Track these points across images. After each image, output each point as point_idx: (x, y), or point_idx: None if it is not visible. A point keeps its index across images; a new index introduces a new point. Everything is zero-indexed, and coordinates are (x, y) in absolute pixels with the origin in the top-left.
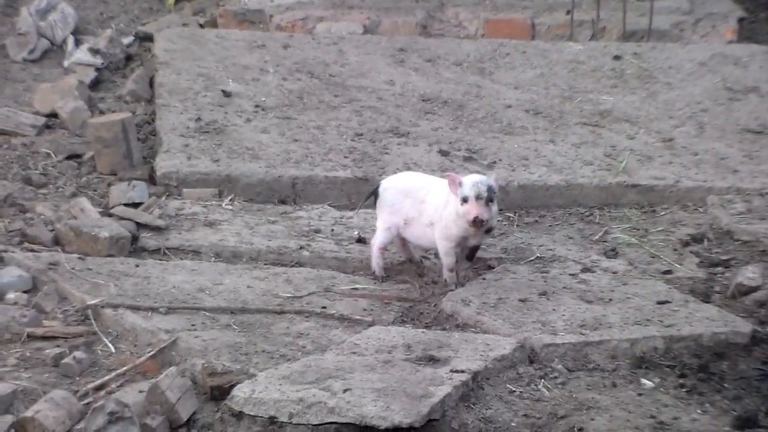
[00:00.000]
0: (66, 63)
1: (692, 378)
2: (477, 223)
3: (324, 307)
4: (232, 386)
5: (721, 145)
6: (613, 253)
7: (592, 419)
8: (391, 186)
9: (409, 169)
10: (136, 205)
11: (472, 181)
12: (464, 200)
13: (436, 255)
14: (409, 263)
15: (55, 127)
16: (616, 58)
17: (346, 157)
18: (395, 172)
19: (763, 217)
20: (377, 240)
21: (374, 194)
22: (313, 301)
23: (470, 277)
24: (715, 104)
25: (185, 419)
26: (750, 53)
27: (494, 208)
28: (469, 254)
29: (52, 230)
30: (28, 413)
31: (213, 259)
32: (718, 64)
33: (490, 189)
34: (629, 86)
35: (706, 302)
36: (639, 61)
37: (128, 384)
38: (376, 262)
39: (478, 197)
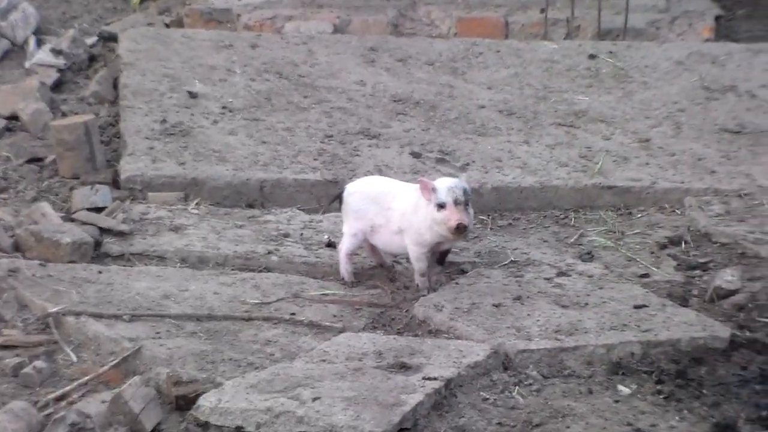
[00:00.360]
0: (27, 64)
1: (670, 384)
2: (460, 229)
3: (293, 314)
4: (198, 396)
5: (699, 146)
6: (588, 257)
7: (568, 427)
8: (356, 191)
9: (380, 171)
10: (99, 210)
11: (447, 186)
12: (441, 206)
13: (408, 260)
14: (380, 268)
15: (15, 130)
16: (592, 57)
17: (315, 159)
18: (366, 175)
19: (741, 218)
20: (344, 246)
21: (338, 199)
22: (281, 307)
23: (443, 281)
24: (692, 104)
25: (149, 430)
26: (727, 51)
27: (471, 212)
28: (439, 258)
29: (12, 236)
30: None
31: (178, 264)
32: (695, 62)
33: (465, 192)
34: (605, 86)
35: (684, 306)
36: (614, 60)
37: (90, 394)
38: (344, 268)
39: (456, 202)
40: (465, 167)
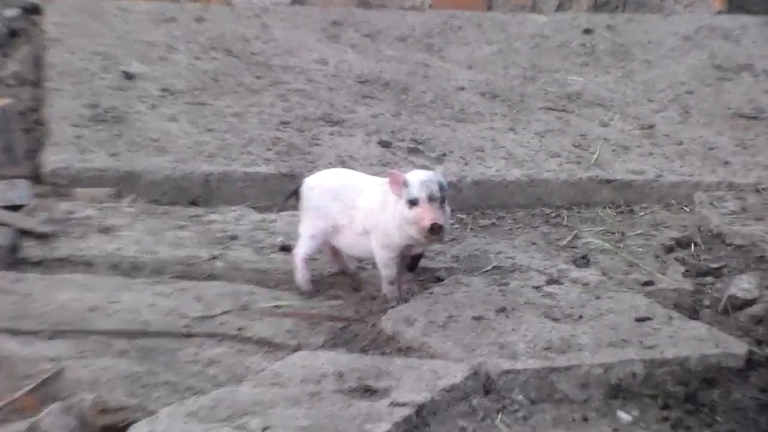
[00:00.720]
0: None
1: (678, 409)
2: (435, 230)
3: (240, 329)
4: (128, 425)
5: (710, 133)
6: (584, 261)
7: None
8: (315, 186)
9: (343, 163)
10: (16, 208)
11: (420, 180)
12: (413, 203)
13: (374, 265)
14: (343, 275)
15: None
16: (587, 31)
17: (269, 149)
18: (327, 167)
19: (759, 217)
20: (300, 249)
21: (295, 195)
22: (227, 321)
23: (415, 291)
24: (702, 85)
25: None
26: (741, 25)
27: (448, 210)
28: (411, 264)
29: None
30: None
31: (108, 272)
32: (706, 38)
33: (442, 187)
34: (602, 65)
35: (694, 319)
36: (613, 36)
37: (2, 424)
38: (300, 275)
39: (431, 198)
40: (441, 158)
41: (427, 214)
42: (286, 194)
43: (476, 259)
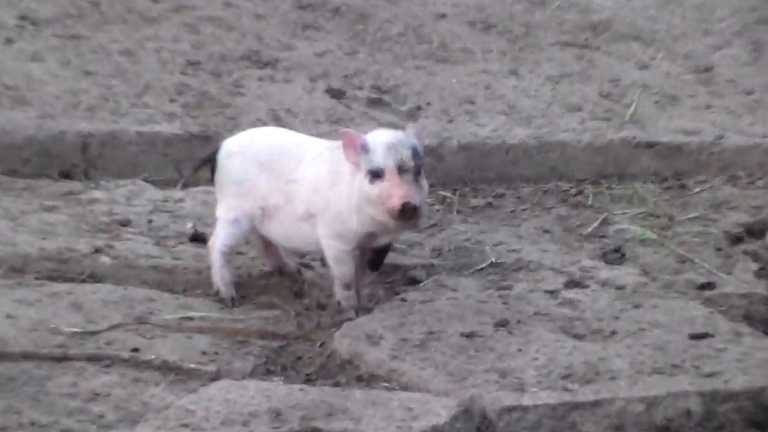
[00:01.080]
0: None
1: None
2: (408, 212)
3: (135, 350)
4: None
5: None
6: (616, 256)
7: None
8: (236, 151)
9: (277, 119)
10: None
11: (386, 143)
12: (375, 174)
13: (323, 261)
14: (279, 275)
15: None
16: None
17: (173, 100)
18: (255, 125)
19: None
20: (218, 240)
21: (209, 164)
22: (117, 339)
23: (381, 297)
24: None
25: None
26: None
27: (424, 184)
28: (374, 260)
29: None
30: None
31: None
32: None
33: (416, 153)
34: None
35: None
36: None
37: None
38: (219, 275)
39: (401, 169)
40: (415, 113)
41: (396, 191)
42: (195, 163)
43: (466, 254)
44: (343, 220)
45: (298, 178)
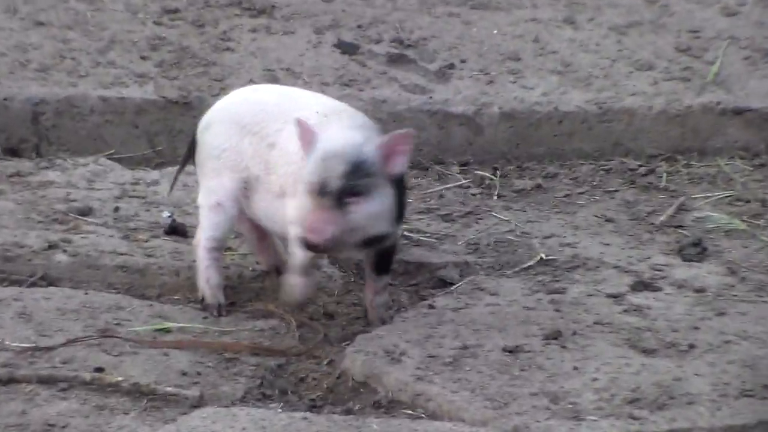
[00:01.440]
0: None
1: None
2: (304, 244)
3: (100, 369)
4: None
5: None
6: (697, 251)
7: None
8: (216, 119)
9: (274, 80)
10: None
11: (321, 152)
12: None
13: (331, 258)
14: (277, 276)
15: None
16: None
17: (143, 57)
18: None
19: None
20: (204, 233)
21: (191, 144)
22: (77, 356)
23: (403, 303)
24: None
25: None
26: None
27: (366, 207)
28: (376, 261)
29: None
30: None
31: None
32: None
33: (355, 170)
34: None
35: None
36: None
37: None
38: (204, 277)
39: (321, 189)
40: (446, 73)
41: (304, 216)
42: (188, 145)
43: (509, 249)
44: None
45: (278, 144)
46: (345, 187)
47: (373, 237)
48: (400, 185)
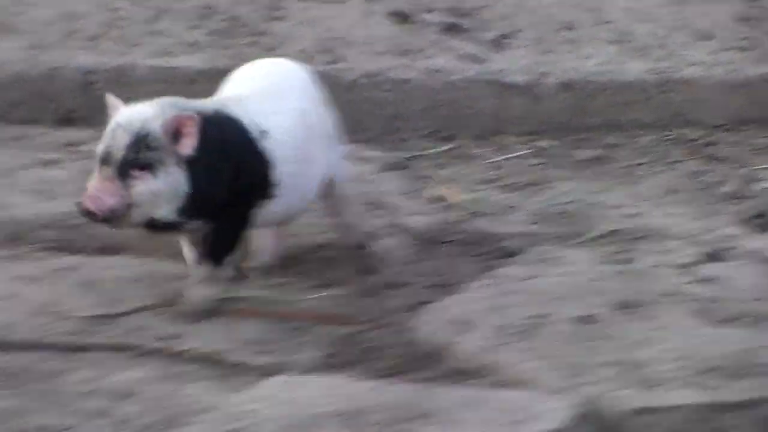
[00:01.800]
0: None
1: None
2: (82, 212)
3: (168, 338)
4: None
5: None
6: (762, 222)
7: None
8: None
9: (326, 50)
10: None
11: (113, 123)
12: None
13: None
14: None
15: None
16: None
17: (194, 27)
18: (298, 59)
19: None
20: None
21: None
22: (144, 325)
23: (465, 273)
24: None
25: None
26: None
27: (149, 184)
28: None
29: None
30: None
31: None
32: None
33: (140, 141)
34: None
35: None
36: None
37: None
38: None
39: (104, 159)
40: (501, 42)
41: (89, 185)
42: None
43: (574, 219)
44: None
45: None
46: (127, 156)
47: (158, 221)
48: (203, 176)
